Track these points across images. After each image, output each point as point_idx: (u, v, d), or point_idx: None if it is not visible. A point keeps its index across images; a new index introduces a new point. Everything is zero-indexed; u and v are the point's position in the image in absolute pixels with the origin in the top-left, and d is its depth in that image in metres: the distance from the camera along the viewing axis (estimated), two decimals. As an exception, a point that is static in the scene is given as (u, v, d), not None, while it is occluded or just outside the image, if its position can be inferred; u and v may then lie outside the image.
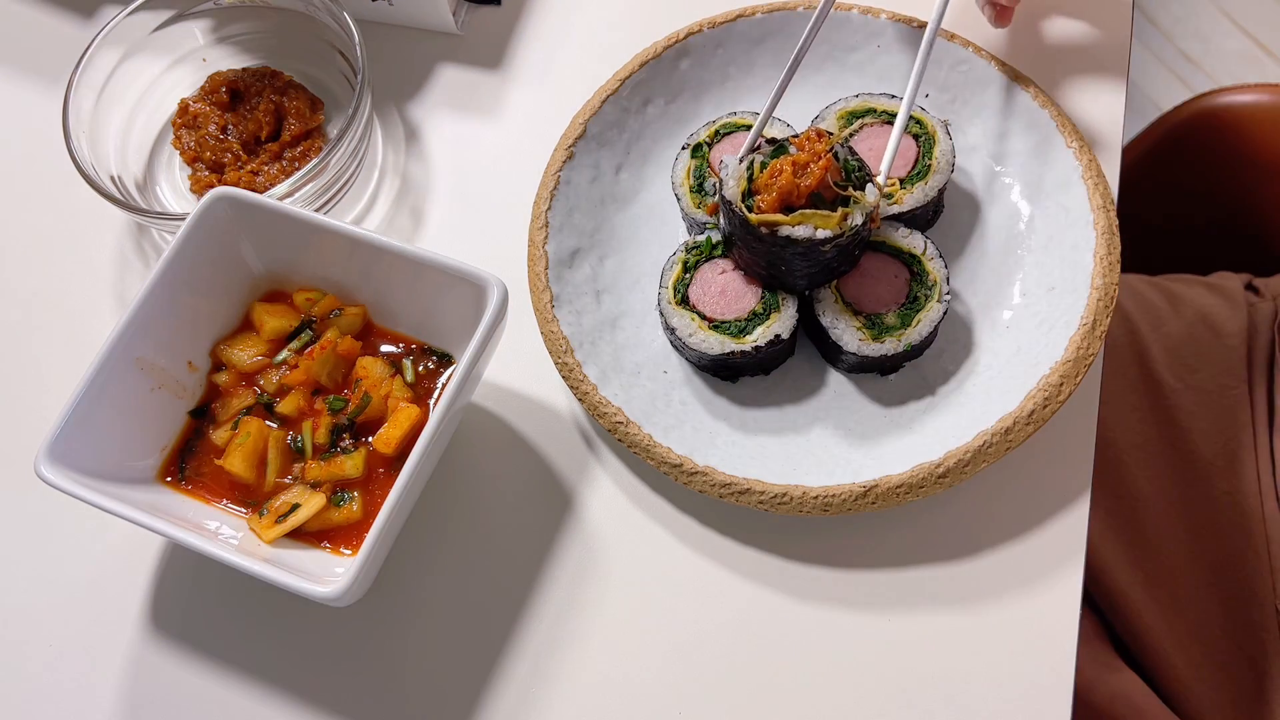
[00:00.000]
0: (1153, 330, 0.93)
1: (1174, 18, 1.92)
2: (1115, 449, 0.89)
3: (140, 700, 0.62)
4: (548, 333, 0.65)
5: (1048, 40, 0.75)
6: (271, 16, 0.78)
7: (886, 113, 0.67)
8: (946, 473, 0.60)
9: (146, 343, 0.61)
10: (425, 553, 0.65)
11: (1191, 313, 0.94)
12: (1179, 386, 0.90)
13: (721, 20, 0.72)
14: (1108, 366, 0.86)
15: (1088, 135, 0.68)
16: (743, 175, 0.60)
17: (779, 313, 0.63)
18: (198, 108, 0.75)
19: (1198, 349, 0.92)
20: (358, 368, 0.64)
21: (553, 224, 0.68)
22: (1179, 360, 0.91)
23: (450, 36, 0.81)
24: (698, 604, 0.62)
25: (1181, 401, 0.90)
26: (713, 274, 0.64)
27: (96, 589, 0.65)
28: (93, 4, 0.86)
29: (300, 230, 0.63)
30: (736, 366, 0.64)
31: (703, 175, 0.67)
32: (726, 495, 0.61)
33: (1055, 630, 0.60)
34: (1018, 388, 0.61)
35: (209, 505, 0.62)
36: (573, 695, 0.61)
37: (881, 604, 0.61)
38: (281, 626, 0.63)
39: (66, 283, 0.75)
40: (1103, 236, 0.63)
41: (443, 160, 0.77)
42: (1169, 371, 0.91)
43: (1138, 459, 0.89)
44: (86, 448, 0.58)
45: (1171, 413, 0.90)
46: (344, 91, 0.77)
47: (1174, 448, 0.89)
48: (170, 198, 0.76)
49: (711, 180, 0.66)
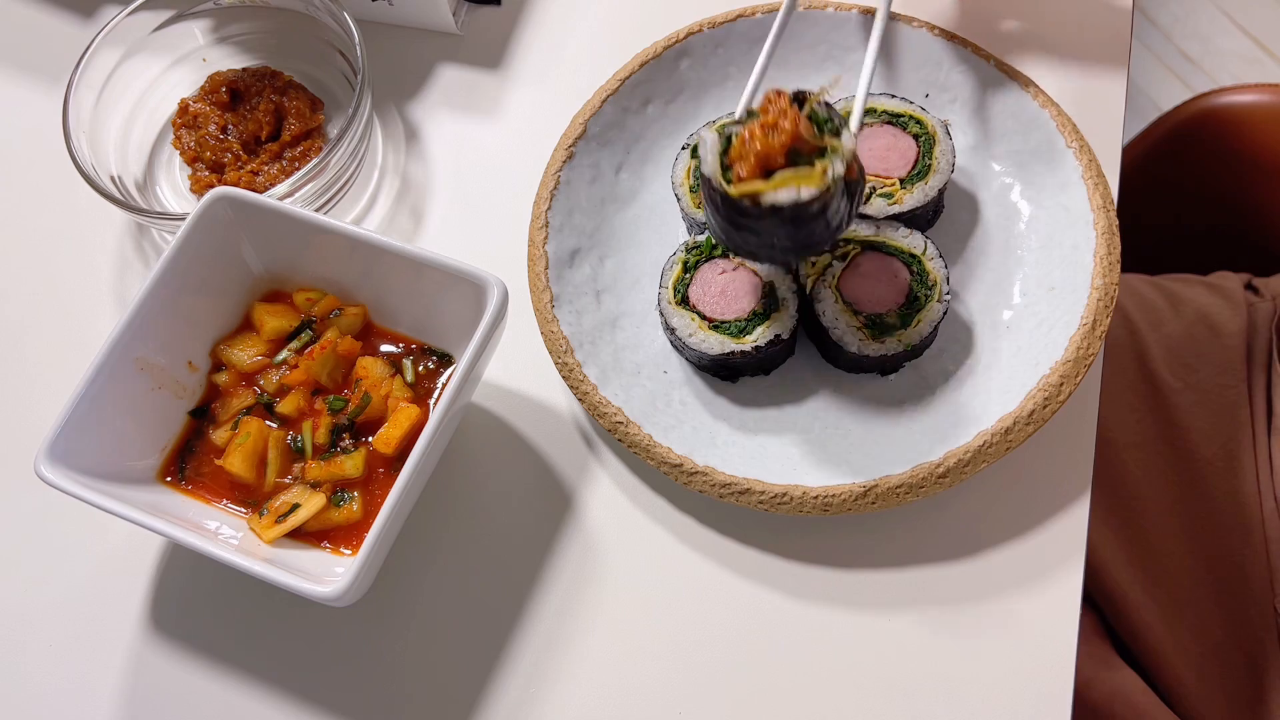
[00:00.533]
0: (1152, 330, 0.93)
1: (1174, 18, 1.92)
2: (1115, 448, 0.89)
3: (140, 700, 0.62)
4: (548, 333, 0.65)
5: (1048, 40, 0.75)
6: (271, 16, 0.78)
7: (887, 113, 0.67)
8: (946, 473, 0.60)
9: (146, 343, 0.61)
10: (425, 553, 0.65)
11: (1191, 312, 0.94)
12: (1178, 386, 0.91)
13: (721, 20, 0.72)
14: (1107, 366, 0.86)
15: (1088, 135, 0.68)
16: (717, 148, 0.56)
17: (779, 313, 0.63)
18: (198, 108, 0.75)
19: (1197, 349, 0.92)
20: (358, 368, 0.64)
21: (553, 224, 0.68)
22: (1178, 360, 0.91)
23: (450, 36, 0.81)
24: (697, 604, 0.62)
25: (1181, 401, 0.90)
26: (713, 274, 0.64)
27: (96, 589, 0.65)
28: (93, 4, 0.86)
29: (300, 230, 0.63)
30: (736, 366, 0.64)
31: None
32: (726, 495, 0.61)
33: (1055, 630, 0.60)
34: (1018, 388, 0.61)
35: (209, 505, 0.62)
36: (573, 695, 0.61)
37: (881, 604, 0.61)
38: (281, 626, 0.63)
39: (66, 283, 0.75)
40: (1103, 236, 0.63)
41: (443, 160, 0.77)
42: (1168, 371, 0.91)
43: (1137, 458, 0.89)
44: (86, 448, 0.58)
45: (1171, 412, 0.90)
46: (344, 91, 0.77)
47: (1173, 447, 0.89)
48: (170, 198, 0.76)
49: None
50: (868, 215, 0.65)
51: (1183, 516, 0.87)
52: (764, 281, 0.64)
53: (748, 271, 0.64)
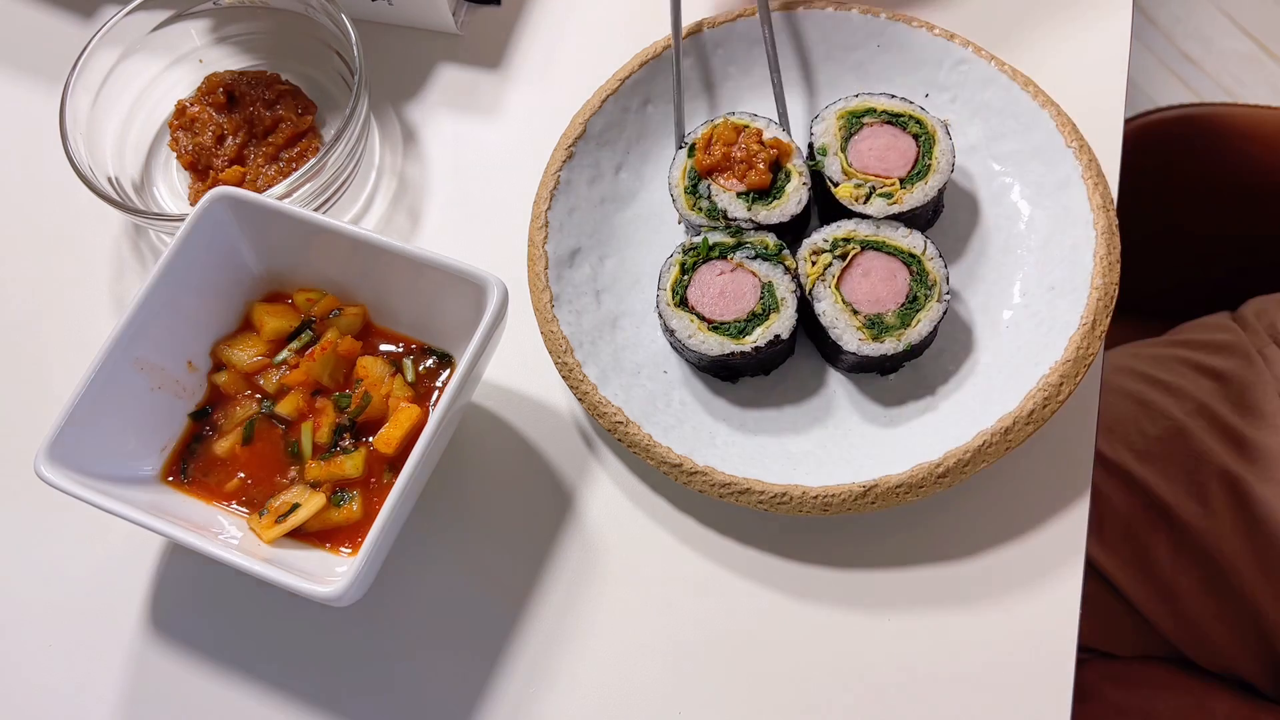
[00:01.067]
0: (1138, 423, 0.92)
1: (1174, 18, 1.92)
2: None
3: (140, 700, 0.62)
4: (548, 333, 0.65)
5: (1048, 40, 0.75)
6: (269, 17, 0.78)
7: (887, 112, 0.67)
8: (946, 473, 0.60)
9: (146, 343, 0.61)
10: (425, 553, 0.65)
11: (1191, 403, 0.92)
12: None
13: (721, 20, 0.72)
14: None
15: (1088, 135, 0.68)
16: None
17: (778, 313, 0.63)
18: (194, 109, 0.75)
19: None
20: (358, 367, 0.64)
21: (553, 224, 0.68)
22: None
23: (450, 36, 0.81)
24: (697, 603, 0.62)
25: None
26: (711, 275, 0.64)
27: (96, 589, 0.65)
28: (92, 4, 0.86)
29: (300, 230, 0.63)
30: (736, 367, 0.64)
31: (697, 176, 0.67)
32: (726, 495, 0.61)
33: (1055, 630, 0.60)
34: (1018, 388, 0.61)
35: (209, 505, 0.62)
36: (573, 695, 0.61)
37: (881, 604, 0.61)
38: (281, 626, 0.63)
39: (65, 284, 0.75)
40: (1103, 236, 0.63)
41: (441, 160, 0.77)
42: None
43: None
44: (86, 448, 0.58)
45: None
46: (342, 92, 0.77)
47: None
48: (167, 199, 0.76)
49: (705, 183, 0.66)
50: (868, 215, 0.65)
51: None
52: (762, 282, 0.64)
53: (746, 272, 0.64)
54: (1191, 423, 0.88)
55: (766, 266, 0.64)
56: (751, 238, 0.65)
